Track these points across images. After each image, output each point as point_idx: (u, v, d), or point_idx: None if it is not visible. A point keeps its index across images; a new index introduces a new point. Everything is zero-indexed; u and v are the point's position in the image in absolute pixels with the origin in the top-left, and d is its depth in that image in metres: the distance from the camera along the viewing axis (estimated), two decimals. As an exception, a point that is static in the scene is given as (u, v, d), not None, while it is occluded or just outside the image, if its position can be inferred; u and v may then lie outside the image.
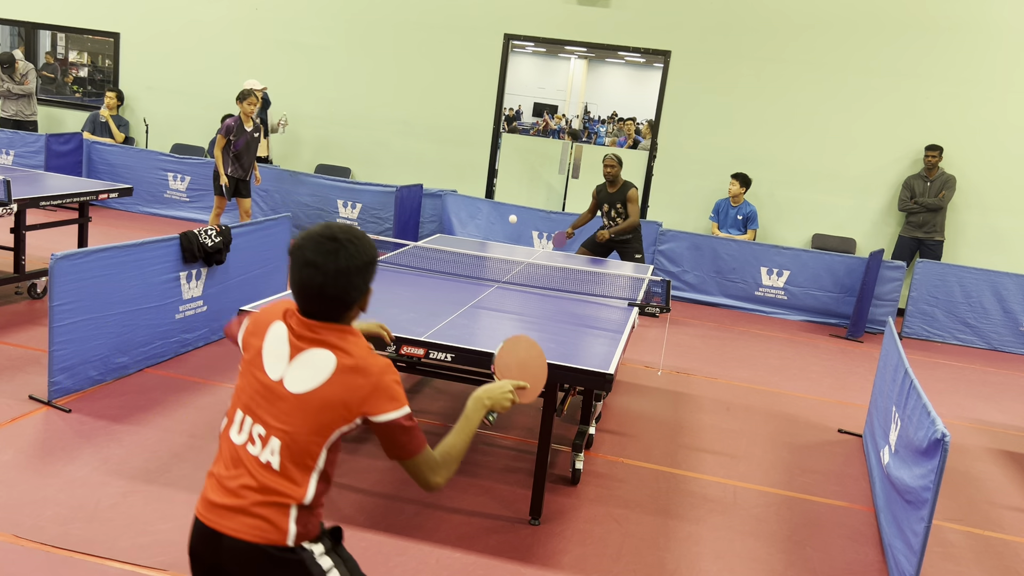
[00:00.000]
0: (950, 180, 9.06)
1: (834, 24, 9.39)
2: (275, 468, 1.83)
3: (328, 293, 1.85)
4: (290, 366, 1.87)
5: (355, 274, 1.86)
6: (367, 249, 1.90)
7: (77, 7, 11.35)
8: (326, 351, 1.87)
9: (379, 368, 1.88)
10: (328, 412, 1.84)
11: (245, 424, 1.89)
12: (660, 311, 4.72)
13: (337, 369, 1.85)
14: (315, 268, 1.83)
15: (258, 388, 1.89)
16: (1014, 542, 4.20)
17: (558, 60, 23.11)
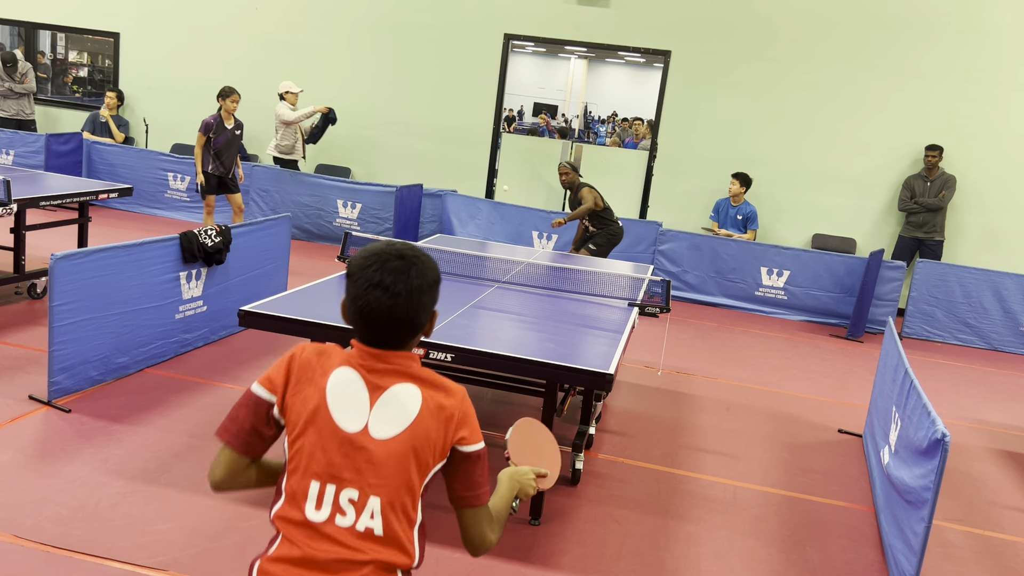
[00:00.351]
0: (950, 180, 9.06)
1: (834, 24, 9.39)
2: (378, 534, 1.63)
3: (399, 315, 1.68)
4: (373, 411, 1.67)
5: (426, 293, 1.71)
6: (434, 267, 1.76)
7: (77, 7, 11.35)
8: (409, 384, 1.70)
9: (462, 392, 1.75)
10: (425, 451, 1.67)
11: (326, 495, 1.65)
12: (660, 311, 4.73)
13: (425, 400, 1.69)
14: (384, 289, 1.66)
15: (335, 448, 1.65)
16: (1014, 542, 4.20)
17: (558, 60, 23.10)
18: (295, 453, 1.70)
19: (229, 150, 8.09)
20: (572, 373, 3.42)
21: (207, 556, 3.19)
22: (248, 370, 5.31)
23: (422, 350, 3.51)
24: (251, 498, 3.67)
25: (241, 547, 3.28)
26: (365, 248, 1.74)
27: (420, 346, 3.50)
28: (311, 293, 4.17)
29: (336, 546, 1.63)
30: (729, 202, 9.45)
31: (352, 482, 1.64)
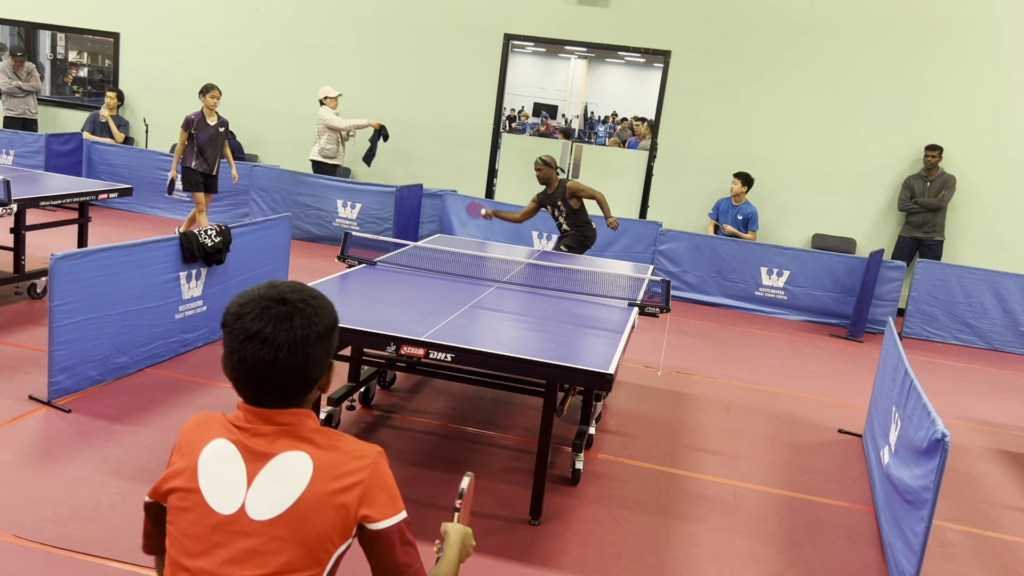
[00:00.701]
0: (950, 180, 9.06)
1: (834, 24, 9.39)
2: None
3: (282, 373, 1.42)
4: (252, 487, 1.41)
5: (315, 344, 1.44)
6: (327, 311, 1.50)
7: (77, 7, 11.35)
8: (296, 452, 1.42)
9: (371, 456, 1.47)
10: (319, 531, 1.40)
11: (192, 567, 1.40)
12: (660, 311, 4.73)
13: (318, 469, 1.41)
14: (263, 341, 1.40)
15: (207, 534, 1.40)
16: (1014, 542, 4.20)
17: (558, 60, 23.10)
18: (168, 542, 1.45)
19: (212, 146, 8.09)
20: (572, 373, 3.42)
21: (207, 556, 3.19)
22: (248, 370, 5.31)
23: (422, 349, 3.51)
24: (251, 498, 3.66)
25: (241, 547, 3.28)
26: (243, 292, 1.47)
27: (420, 347, 3.51)
28: (311, 293, 4.17)
29: None
30: (730, 202, 9.45)
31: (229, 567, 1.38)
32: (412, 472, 4.12)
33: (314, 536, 1.39)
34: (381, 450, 1.50)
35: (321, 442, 1.45)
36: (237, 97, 11.01)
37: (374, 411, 4.88)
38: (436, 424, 4.80)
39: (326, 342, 1.47)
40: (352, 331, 3.58)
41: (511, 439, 4.71)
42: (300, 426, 1.46)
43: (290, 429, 1.45)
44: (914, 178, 9.18)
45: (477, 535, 3.59)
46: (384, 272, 4.91)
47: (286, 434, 1.44)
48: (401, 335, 3.55)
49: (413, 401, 5.12)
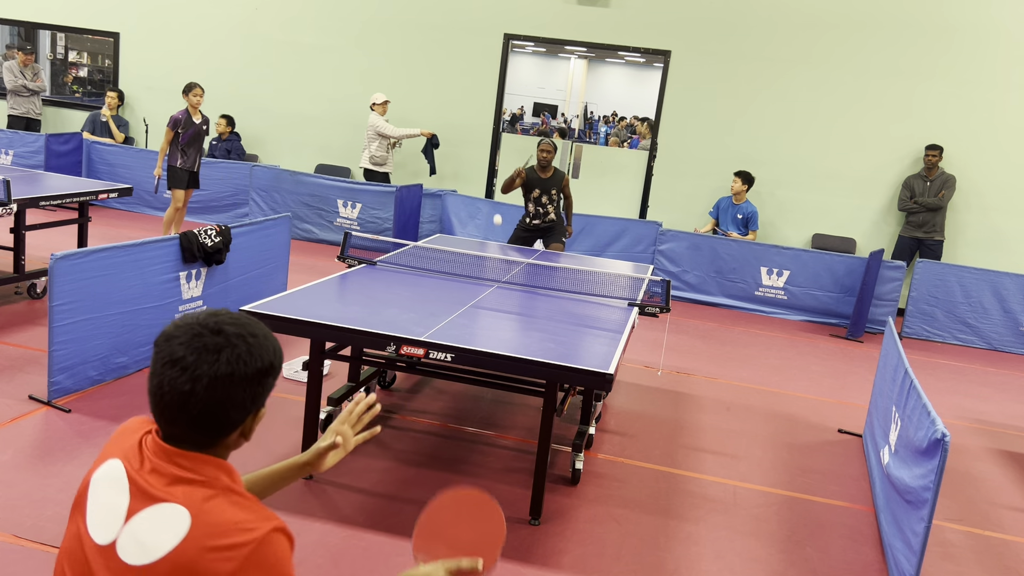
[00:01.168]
0: (950, 180, 9.06)
1: (834, 24, 9.39)
2: None
3: (194, 408, 1.32)
4: (127, 526, 1.31)
5: (239, 384, 1.33)
6: (263, 353, 1.38)
7: (77, 7, 11.35)
8: (178, 506, 1.30)
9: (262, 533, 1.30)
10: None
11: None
12: (660, 311, 4.72)
13: (193, 532, 1.28)
14: (183, 370, 1.31)
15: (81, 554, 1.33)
16: (1014, 542, 4.20)
17: (558, 60, 23.13)
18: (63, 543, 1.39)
19: (194, 144, 8.11)
20: (572, 373, 3.42)
21: (207, 556, 3.19)
22: (248, 370, 5.31)
23: (422, 349, 3.51)
24: (251, 498, 3.66)
25: (241, 547, 3.28)
26: (186, 315, 1.39)
27: (420, 347, 3.51)
28: (311, 293, 4.17)
29: None
30: (731, 200, 9.44)
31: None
32: (412, 472, 4.12)
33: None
34: (281, 526, 1.34)
35: (215, 503, 1.31)
36: (237, 97, 11.01)
37: (374, 411, 4.88)
38: (436, 424, 4.80)
39: (254, 386, 1.36)
40: (352, 331, 3.58)
41: (511, 439, 4.71)
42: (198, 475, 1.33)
43: (188, 478, 1.32)
44: (914, 178, 9.18)
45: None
46: (384, 272, 4.91)
47: (182, 481, 1.32)
48: (401, 335, 3.55)
49: (413, 401, 5.12)
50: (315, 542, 3.38)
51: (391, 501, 3.80)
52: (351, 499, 3.77)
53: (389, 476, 4.04)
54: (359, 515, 3.64)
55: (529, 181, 7.23)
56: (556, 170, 7.28)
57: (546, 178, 7.22)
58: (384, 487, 3.92)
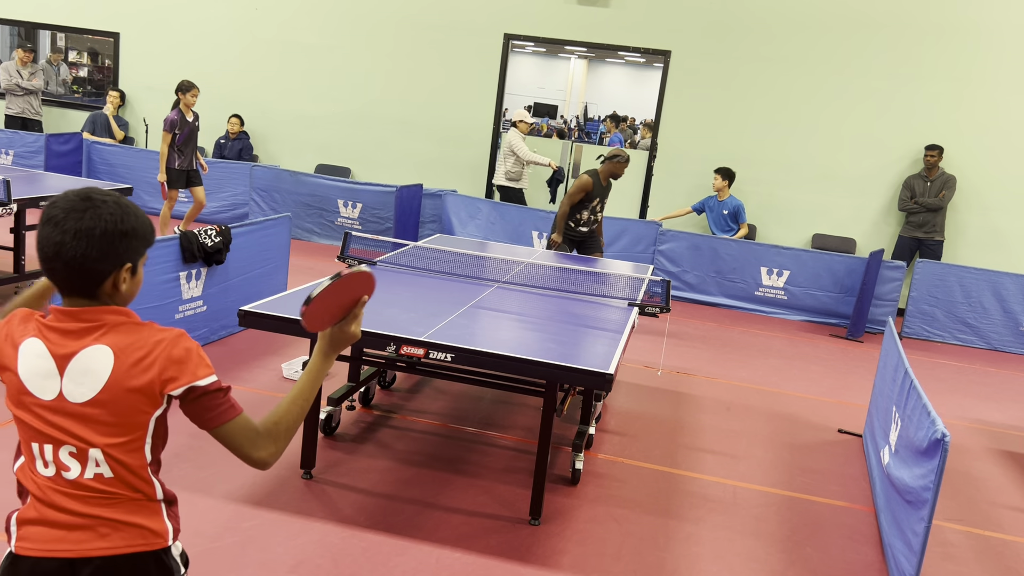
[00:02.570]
0: (950, 180, 9.06)
1: (834, 24, 9.39)
2: (108, 476, 1.65)
3: (67, 256, 1.59)
4: (64, 379, 1.62)
5: (100, 238, 1.59)
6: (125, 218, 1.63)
7: (77, 7, 11.35)
8: (98, 347, 1.63)
9: (169, 338, 1.66)
10: (129, 405, 1.64)
11: (47, 454, 1.64)
12: (660, 311, 4.72)
13: (118, 359, 1.62)
14: (55, 225, 1.59)
15: (40, 412, 1.64)
16: (1014, 542, 4.20)
17: (558, 60, 23.10)
18: (15, 419, 1.69)
19: (190, 143, 8.10)
20: (572, 373, 3.42)
21: (207, 556, 3.19)
22: (248, 370, 5.31)
23: (422, 349, 3.51)
24: (251, 498, 3.67)
25: (241, 547, 3.28)
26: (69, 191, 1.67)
27: (420, 347, 3.51)
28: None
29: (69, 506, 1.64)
30: (716, 198, 9.44)
31: (68, 440, 1.63)
32: (412, 472, 4.12)
33: (126, 410, 1.64)
34: (183, 332, 1.69)
35: (123, 331, 1.65)
36: (237, 97, 11.01)
37: (374, 411, 4.88)
38: (436, 424, 4.80)
39: (115, 242, 1.61)
40: (352, 331, 3.58)
41: (511, 439, 4.71)
42: (99, 322, 1.64)
43: (92, 325, 1.64)
44: (914, 178, 9.18)
45: (477, 535, 3.59)
46: (384, 272, 4.91)
47: (89, 331, 1.63)
48: (401, 335, 3.56)
49: (413, 401, 5.12)
50: (315, 542, 3.38)
51: (391, 501, 3.80)
52: (351, 499, 3.77)
53: (389, 476, 4.04)
54: (359, 515, 3.64)
55: (593, 191, 7.09)
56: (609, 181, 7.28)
57: (605, 187, 7.19)
58: (384, 487, 3.92)
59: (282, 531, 3.43)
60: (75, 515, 1.65)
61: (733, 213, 9.35)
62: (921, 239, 9.17)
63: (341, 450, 4.28)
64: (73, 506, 1.64)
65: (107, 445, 1.64)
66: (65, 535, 1.64)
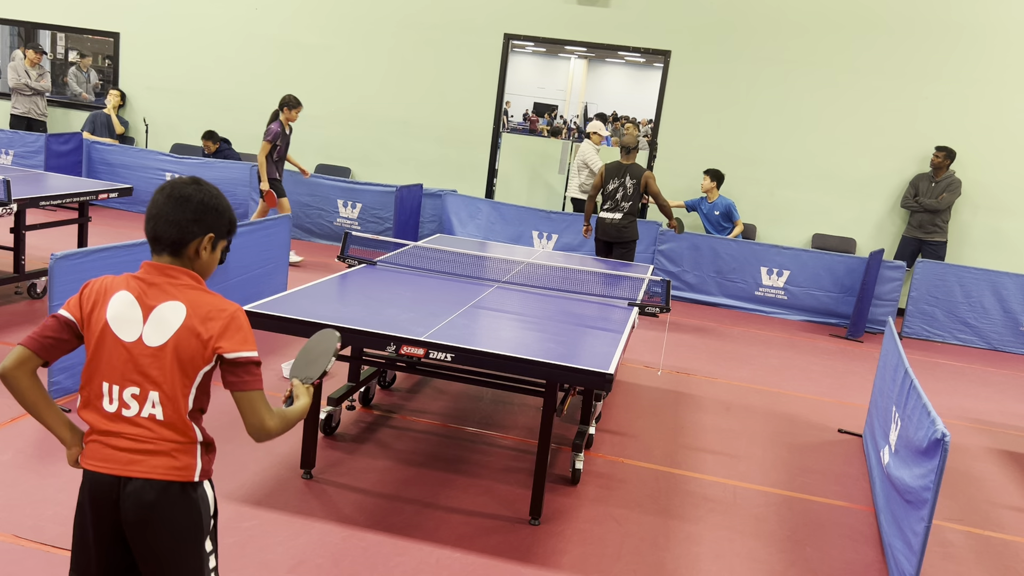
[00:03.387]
0: (954, 183, 9.01)
1: (834, 24, 9.39)
2: (160, 419, 2.01)
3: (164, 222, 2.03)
4: (146, 325, 2.00)
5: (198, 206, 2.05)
6: (221, 200, 2.12)
7: (77, 7, 11.35)
8: (175, 302, 2.02)
9: (230, 312, 2.05)
10: (187, 356, 2.00)
11: (113, 394, 2.02)
12: (660, 311, 4.72)
13: (188, 316, 2.01)
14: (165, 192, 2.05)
15: (117, 356, 2.01)
16: (1014, 542, 4.20)
17: (558, 60, 23.11)
18: (90, 361, 2.03)
19: (283, 155, 8.35)
20: (572, 373, 3.42)
21: (207, 556, 3.19)
22: (248, 370, 5.31)
23: (422, 349, 3.51)
24: (251, 498, 3.67)
25: (241, 547, 3.28)
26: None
27: (420, 347, 3.51)
28: (311, 293, 4.17)
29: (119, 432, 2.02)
30: (705, 200, 9.43)
31: (131, 383, 2.00)
32: (412, 472, 4.12)
33: (184, 359, 2.00)
34: (239, 307, 2.08)
35: (196, 293, 2.06)
36: (237, 97, 11.02)
37: (374, 411, 4.88)
38: (436, 424, 4.80)
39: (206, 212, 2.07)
40: (352, 331, 3.58)
41: (511, 439, 4.71)
42: (179, 284, 2.05)
43: (173, 286, 2.04)
44: (921, 177, 9.15)
45: (477, 535, 3.60)
46: (384, 272, 4.91)
47: (171, 286, 2.04)
48: (401, 335, 3.55)
49: (413, 401, 5.12)
50: (315, 542, 3.38)
51: (391, 501, 3.80)
52: (351, 499, 3.77)
53: (389, 476, 4.04)
54: (359, 515, 3.64)
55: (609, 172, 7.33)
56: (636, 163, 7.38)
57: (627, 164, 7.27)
58: (384, 487, 3.92)
59: (282, 531, 3.43)
60: (126, 442, 2.01)
61: (725, 212, 9.34)
62: (922, 239, 9.16)
63: (341, 450, 4.28)
64: (126, 435, 2.01)
65: (164, 388, 2.00)
66: (116, 456, 2.01)
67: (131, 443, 2.00)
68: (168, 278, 2.04)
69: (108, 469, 2.01)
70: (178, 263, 2.06)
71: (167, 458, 2.01)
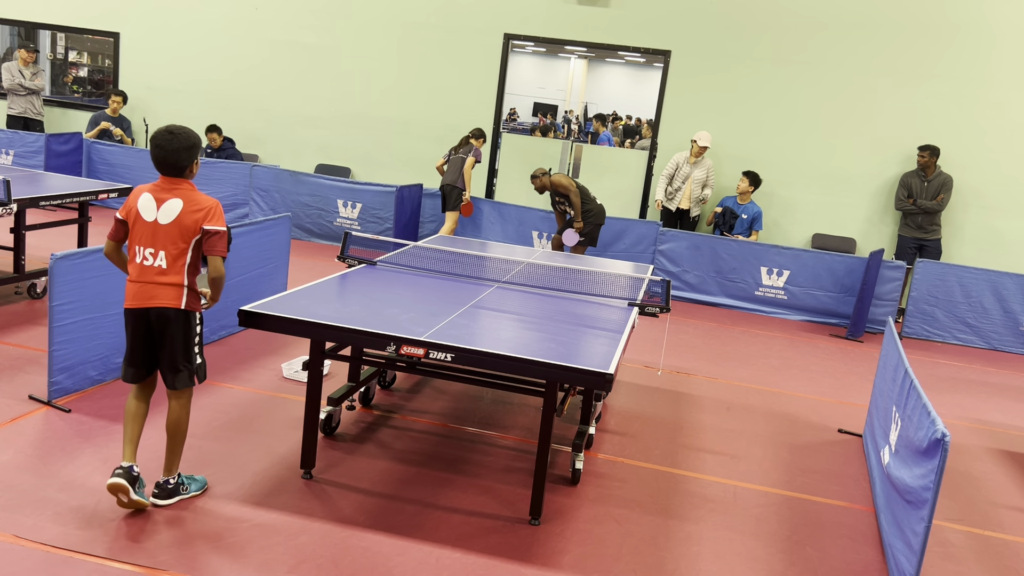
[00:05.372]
0: (948, 181, 9.03)
1: (834, 24, 9.39)
2: (164, 268, 3.31)
3: (164, 159, 3.30)
4: (159, 211, 3.30)
5: (179, 150, 3.29)
6: (192, 136, 3.35)
7: (77, 7, 11.36)
8: (176, 199, 3.32)
9: (211, 204, 3.35)
10: (186, 229, 3.30)
11: (140, 252, 3.33)
12: (660, 311, 4.72)
13: (185, 206, 3.31)
14: (160, 143, 3.29)
15: (144, 229, 3.32)
16: (1014, 542, 4.20)
17: (558, 60, 23.09)
18: (130, 233, 3.38)
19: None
20: (572, 373, 3.42)
21: (207, 556, 3.20)
22: (248, 370, 5.31)
23: (422, 349, 3.51)
24: (251, 498, 3.67)
25: (241, 547, 3.28)
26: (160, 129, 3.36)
27: (420, 347, 3.51)
28: (311, 293, 4.17)
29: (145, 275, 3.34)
30: (735, 201, 9.43)
31: (150, 245, 3.32)
32: (412, 472, 4.12)
33: (183, 232, 3.31)
34: (217, 202, 3.38)
35: (187, 194, 3.33)
36: (237, 97, 11.02)
37: (374, 411, 4.88)
38: (436, 424, 4.80)
39: (188, 151, 3.33)
40: (352, 331, 3.58)
41: (511, 439, 4.71)
42: (178, 188, 3.34)
43: (175, 190, 3.34)
44: (911, 176, 9.16)
45: (477, 535, 3.60)
46: (384, 272, 4.91)
47: (173, 190, 3.34)
48: (401, 335, 3.55)
49: (413, 401, 5.12)
50: (315, 542, 3.38)
51: (391, 501, 3.80)
52: (351, 499, 3.77)
53: (389, 476, 4.04)
54: (359, 515, 3.64)
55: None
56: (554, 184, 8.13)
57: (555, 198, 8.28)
58: (384, 487, 3.92)
59: (282, 531, 3.43)
60: (148, 285, 3.33)
61: (752, 219, 9.30)
62: (921, 239, 9.16)
63: (341, 450, 4.28)
64: (148, 280, 3.32)
65: (169, 249, 3.31)
66: (142, 293, 3.33)
67: (150, 286, 3.31)
68: (174, 186, 3.33)
69: (138, 304, 3.34)
70: (180, 177, 3.34)
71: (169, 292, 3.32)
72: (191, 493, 3.59)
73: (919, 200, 9.03)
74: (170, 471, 3.52)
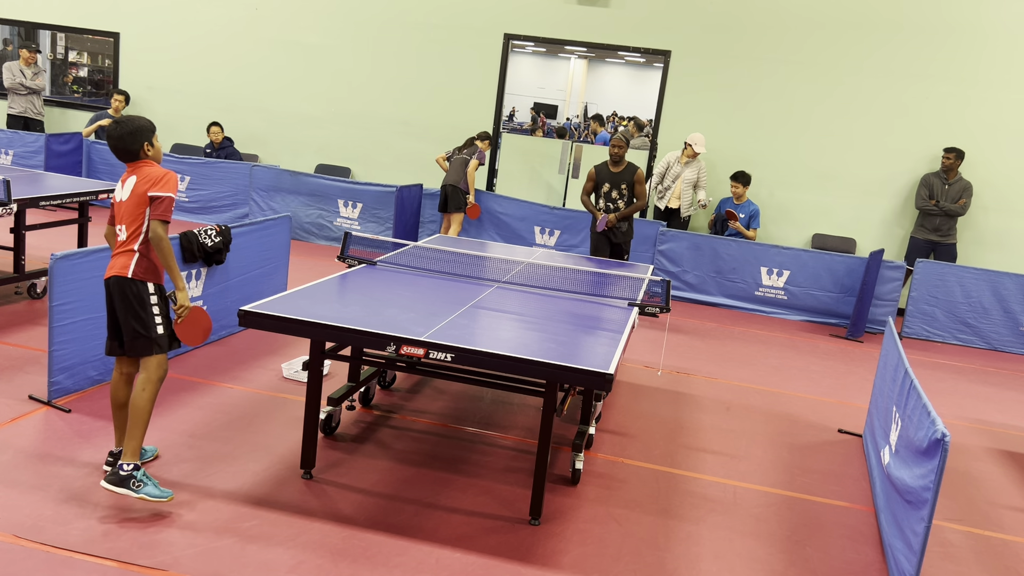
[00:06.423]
0: (969, 187, 8.96)
1: (836, 25, 9.38)
2: (123, 239, 3.57)
3: (120, 147, 3.57)
4: (122, 190, 3.59)
5: (130, 134, 3.55)
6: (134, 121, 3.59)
7: (77, 7, 11.35)
8: (132, 176, 3.58)
9: (161, 173, 3.56)
10: (139, 200, 3.53)
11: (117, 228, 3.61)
12: (660, 311, 4.72)
13: (138, 181, 3.55)
14: (109, 137, 3.57)
15: (116, 209, 3.61)
16: (1014, 542, 4.20)
17: (558, 60, 23.10)
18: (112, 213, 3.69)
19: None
20: (572, 373, 3.42)
21: (207, 556, 3.20)
22: (248, 370, 5.31)
23: (422, 349, 3.51)
24: (251, 498, 3.67)
25: (241, 547, 3.28)
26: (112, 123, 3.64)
27: (420, 347, 3.51)
28: (311, 293, 4.17)
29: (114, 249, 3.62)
30: (732, 202, 9.43)
31: (120, 221, 3.59)
32: (412, 472, 4.12)
33: (140, 201, 3.54)
34: (171, 172, 3.59)
35: (143, 170, 3.58)
36: (237, 97, 11.02)
37: (374, 411, 4.88)
38: (436, 424, 4.80)
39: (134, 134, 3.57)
40: (352, 331, 3.58)
41: (511, 439, 4.71)
42: (138, 167, 3.59)
43: (135, 170, 3.59)
44: (932, 176, 9.09)
45: (477, 535, 3.60)
46: (384, 272, 4.91)
47: (133, 170, 3.60)
48: (401, 335, 3.55)
49: (413, 401, 5.12)
50: (315, 542, 3.38)
51: (391, 501, 3.80)
52: (351, 499, 3.77)
53: (389, 476, 4.04)
54: (359, 515, 3.64)
55: (598, 177, 7.44)
56: (630, 164, 7.43)
57: (616, 172, 7.36)
58: (384, 487, 3.92)
59: (282, 531, 3.43)
60: (113, 257, 3.59)
61: (749, 217, 9.30)
62: (936, 242, 9.08)
63: (341, 450, 4.28)
64: (114, 253, 3.60)
65: (128, 223, 3.55)
66: (109, 266, 3.59)
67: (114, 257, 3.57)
68: (136, 167, 3.59)
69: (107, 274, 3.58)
70: (138, 160, 3.60)
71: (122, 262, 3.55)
72: (141, 495, 3.38)
73: (941, 202, 8.96)
74: (127, 455, 3.43)
